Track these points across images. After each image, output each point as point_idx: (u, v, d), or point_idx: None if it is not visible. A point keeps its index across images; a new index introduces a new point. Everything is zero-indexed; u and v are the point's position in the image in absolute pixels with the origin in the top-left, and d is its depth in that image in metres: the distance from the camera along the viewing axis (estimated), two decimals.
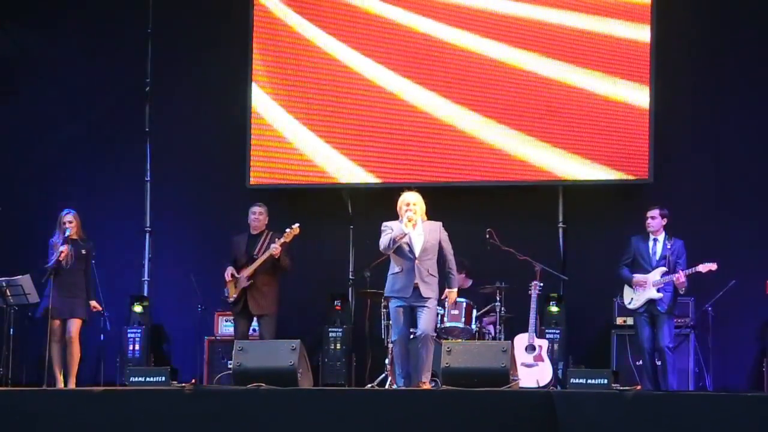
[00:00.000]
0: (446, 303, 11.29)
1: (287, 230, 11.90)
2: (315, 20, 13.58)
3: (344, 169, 13.43)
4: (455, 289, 10.88)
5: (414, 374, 10.56)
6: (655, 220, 11.40)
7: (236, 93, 13.70)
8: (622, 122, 12.89)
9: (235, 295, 11.97)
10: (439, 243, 10.72)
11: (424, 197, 10.88)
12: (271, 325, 11.96)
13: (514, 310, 12.33)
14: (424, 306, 10.57)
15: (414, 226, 10.64)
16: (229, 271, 12.00)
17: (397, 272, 10.68)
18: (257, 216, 12.16)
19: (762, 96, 12.84)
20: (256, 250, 12.02)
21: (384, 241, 10.65)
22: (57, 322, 11.84)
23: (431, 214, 10.94)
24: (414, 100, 13.33)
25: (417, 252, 10.63)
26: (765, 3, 12.89)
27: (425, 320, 10.56)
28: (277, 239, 11.91)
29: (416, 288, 10.57)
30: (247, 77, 13.61)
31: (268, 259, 11.90)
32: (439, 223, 10.81)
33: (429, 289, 10.60)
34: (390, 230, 10.63)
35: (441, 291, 10.80)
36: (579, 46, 13.02)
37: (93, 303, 12.00)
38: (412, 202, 10.70)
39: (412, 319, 10.66)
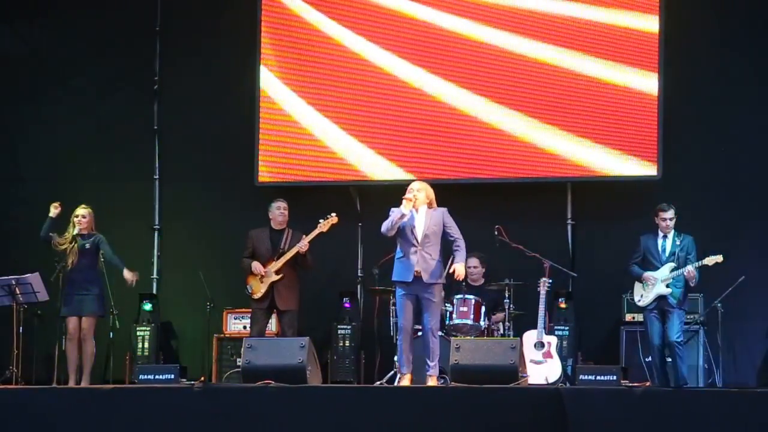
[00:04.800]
0: (453, 275, 11.13)
1: (321, 221, 11.83)
2: (328, 12, 13.55)
3: (353, 155, 13.42)
4: (461, 263, 10.81)
5: (421, 364, 10.60)
6: (673, 221, 11.37)
7: (245, 91, 13.70)
8: (631, 114, 12.86)
9: (262, 290, 11.88)
10: (443, 228, 10.75)
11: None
12: (294, 321, 11.92)
13: (523, 307, 12.32)
14: (430, 299, 10.62)
15: (416, 210, 10.67)
16: (258, 264, 11.90)
17: (400, 257, 10.77)
18: (283, 211, 12.03)
19: None
20: (283, 245, 11.95)
21: (384, 225, 10.74)
22: (73, 321, 11.84)
23: None
24: (424, 90, 13.30)
25: (419, 237, 10.71)
26: None
27: (429, 315, 10.62)
28: (305, 235, 11.87)
29: (419, 276, 10.60)
30: (256, 74, 13.61)
31: (295, 255, 11.86)
32: (444, 209, 10.87)
33: (431, 275, 10.64)
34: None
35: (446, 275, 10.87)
36: (591, 36, 12.97)
37: (126, 274, 11.90)
38: (415, 189, 10.81)
39: (418, 309, 10.71)
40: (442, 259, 10.80)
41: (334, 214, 11.86)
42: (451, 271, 10.84)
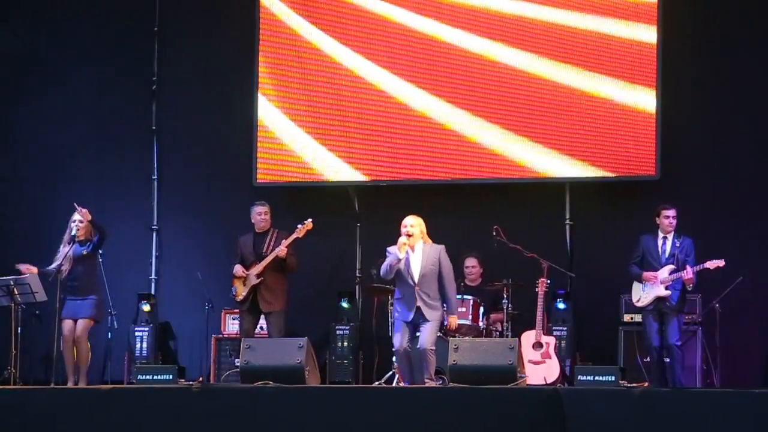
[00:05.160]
0: (446, 328, 11.33)
1: (299, 226, 11.88)
2: (320, 24, 13.56)
3: (350, 174, 13.45)
4: (455, 315, 10.99)
5: (418, 377, 10.66)
6: (676, 219, 11.39)
7: (243, 91, 13.69)
8: (629, 120, 12.85)
9: (243, 293, 11.95)
10: (439, 267, 10.74)
11: (431, 195, 10.92)
12: (280, 322, 11.95)
13: (521, 308, 12.32)
14: (427, 321, 10.66)
15: (412, 249, 10.67)
16: (239, 266, 11.99)
17: (399, 298, 10.81)
18: (263, 216, 12.14)
19: None
20: (264, 248, 12.00)
21: (382, 268, 10.79)
22: (68, 323, 11.84)
23: (438, 213, 10.96)
24: (419, 102, 13.29)
25: (416, 278, 10.71)
26: None
27: (425, 334, 10.66)
28: (284, 240, 11.89)
29: (418, 309, 10.66)
30: (254, 74, 13.59)
31: (276, 258, 11.90)
32: (441, 247, 10.85)
33: (431, 312, 10.70)
34: (390, 254, 10.70)
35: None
36: (585, 47, 12.99)
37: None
38: (409, 225, 10.76)
39: (414, 332, 10.77)
40: (441, 296, 10.81)
41: (309, 220, 11.90)
42: (445, 324, 11.01)
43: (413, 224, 10.78)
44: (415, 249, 10.76)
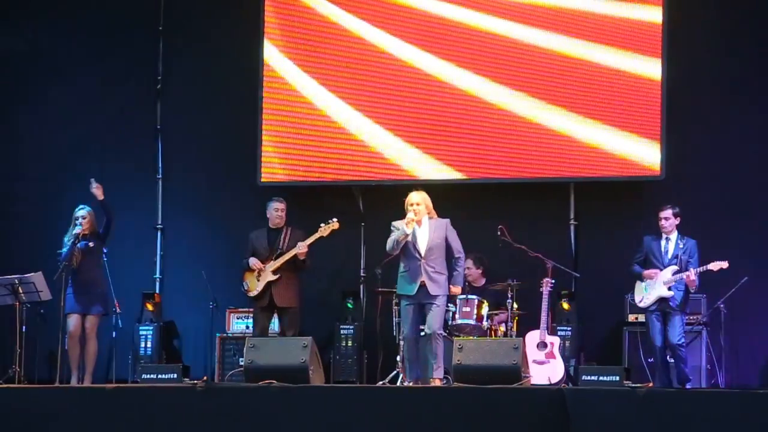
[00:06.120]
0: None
1: (322, 225, 11.84)
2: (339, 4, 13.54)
3: (356, 165, 13.45)
4: (459, 287, 10.99)
5: (424, 372, 10.62)
6: (668, 221, 11.38)
7: (248, 90, 13.69)
8: (634, 119, 12.84)
9: (258, 289, 11.92)
10: (446, 240, 10.74)
11: (434, 194, 10.91)
12: (295, 319, 11.96)
13: (525, 307, 12.32)
14: (433, 303, 10.66)
15: (419, 225, 10.68)
16: (255, 259, 11.95)
17: (404, 271, 10.80)
18: (280, 213, 12.11)
19: None
20: (280, 243, 11.97)
21: (388, 242, 10.78)
22: (74, 318, 11.86)
23: (442, 212, 10.95)
24: (420, 102, 13.30)
25: (423, 251, 10.73)
26: None
27: (433, 318, 10.68)
28: (300, 242, 11.84)
29: (423, 286, 10.66)
30: (258, 74, 13.60)
31: (293, 257, 11.88)
32: (446, 221, 10.88)
33: (436, 287, 10.71)
34: (396, 230, 10.70)
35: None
36: (592, 25, 13.00)
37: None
38: (415, 202, 10.80)
39: (422, 317, 10.74)
40: (447, 272, 10.84)
41: (335, 220, 11.88)
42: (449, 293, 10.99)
43: (419, 202, 10.81)
44: (421, 223, 10.78)
